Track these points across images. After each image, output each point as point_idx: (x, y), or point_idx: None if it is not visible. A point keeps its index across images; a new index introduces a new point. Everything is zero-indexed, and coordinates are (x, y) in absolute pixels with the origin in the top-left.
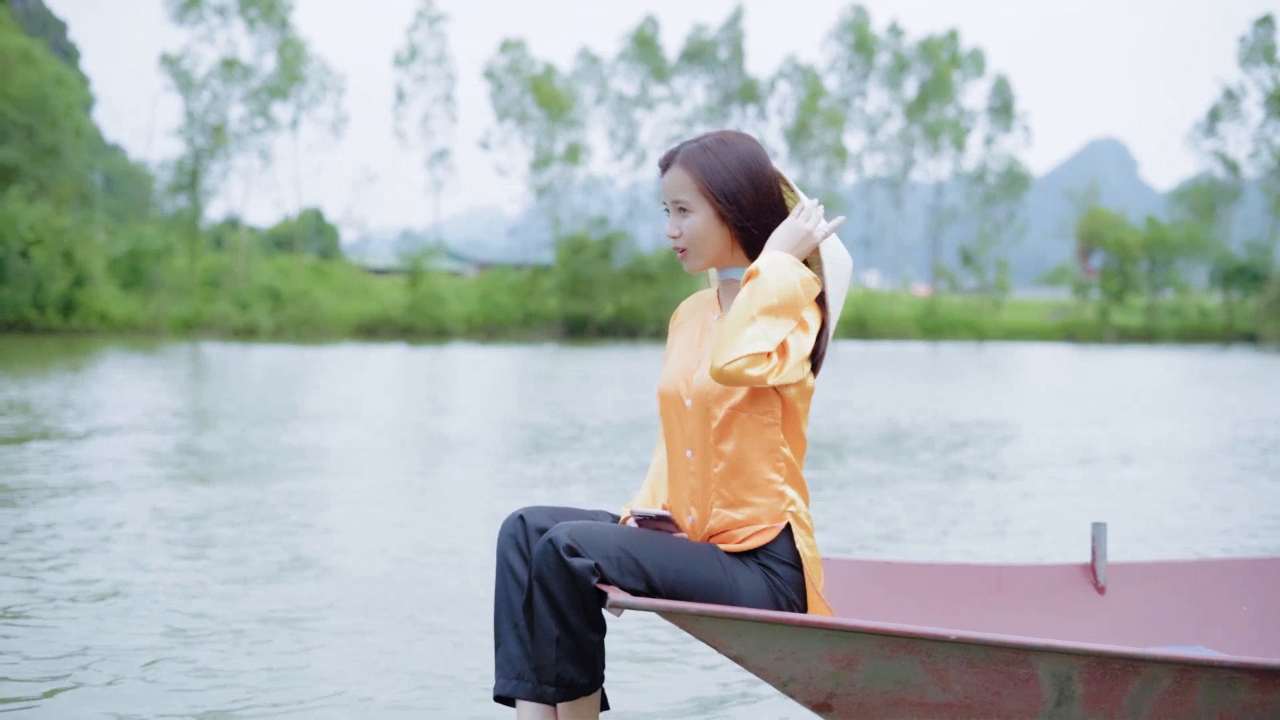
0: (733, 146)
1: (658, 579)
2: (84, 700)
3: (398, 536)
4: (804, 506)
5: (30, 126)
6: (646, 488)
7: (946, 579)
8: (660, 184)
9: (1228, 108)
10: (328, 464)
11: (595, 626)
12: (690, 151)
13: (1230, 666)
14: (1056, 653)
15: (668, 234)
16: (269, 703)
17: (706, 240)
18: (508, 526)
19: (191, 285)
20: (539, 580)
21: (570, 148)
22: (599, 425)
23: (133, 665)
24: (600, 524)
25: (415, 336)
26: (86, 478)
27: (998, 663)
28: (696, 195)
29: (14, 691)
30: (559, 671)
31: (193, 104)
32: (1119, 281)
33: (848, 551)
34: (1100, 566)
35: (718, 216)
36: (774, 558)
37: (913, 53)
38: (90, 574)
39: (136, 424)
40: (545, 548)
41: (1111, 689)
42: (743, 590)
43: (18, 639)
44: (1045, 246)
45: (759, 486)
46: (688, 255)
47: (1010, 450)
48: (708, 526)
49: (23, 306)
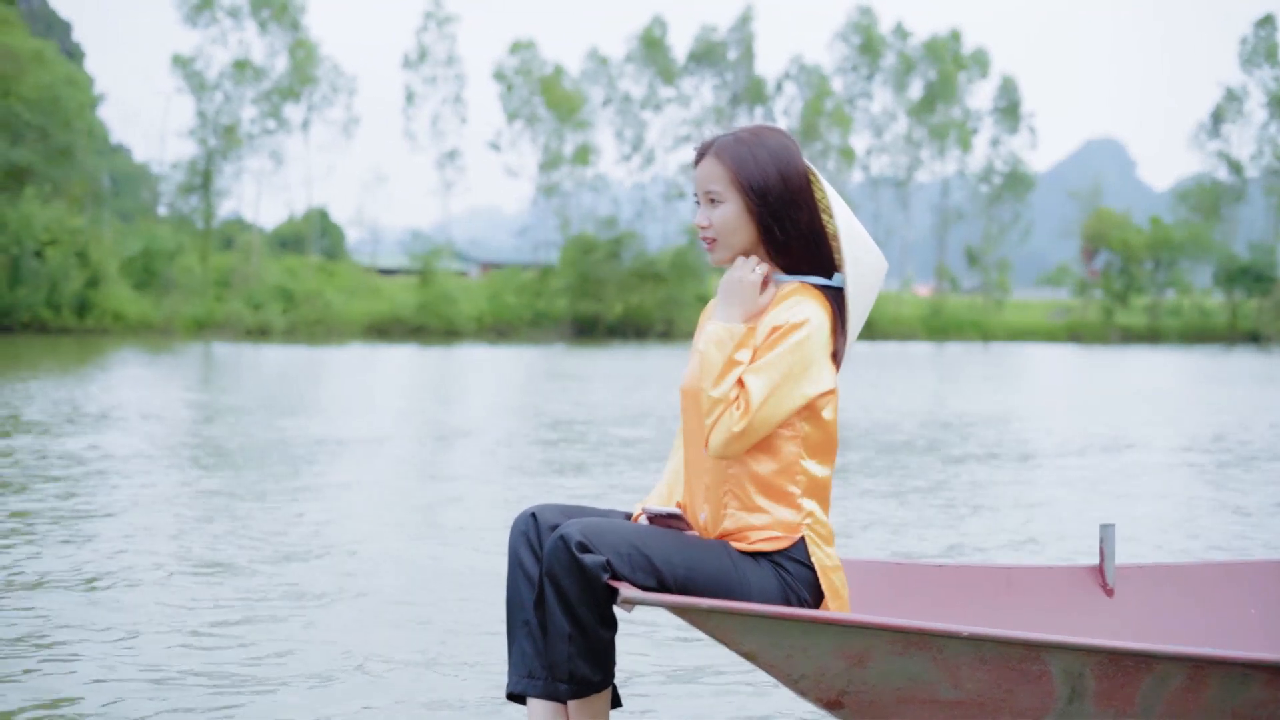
0: (765, 140)
1: (669, 575)
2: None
3: (413, 529)
4: (823, 518)
5: (43, 127)
6: (663, 486)
7: (955, 579)
8: (696, 174)
9: (1230, 108)
10: (348, 456)
11: (607, 623)
12: (724, 143)
13: (1243, 663)
14: (1069, 649)
15: (697, 223)
16: (256, 692)
17: (736, 232)
18: (519, 524)
19: (203, 285)
20: (550, 577)
21: (580, 149)
22: (611, 421)
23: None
24: (612, 521)
25: (426, 336)
26: (120, 467)
27: (1010, 660)
28: (728, 186)
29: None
30: (571, 669)
31: (205, 105)
32: (1123, 282)
33: (852, 547)
34: (1108, 568)
35: (747, 210)
36: (787, 556)
37: (918, 53)
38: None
39: (178, 421)
40: (557, 544)
41: (1123, 686)
42: (754, 587)
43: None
44: (1045, 246)
45: (775, 494)
46: (715, 246)
47: (1021, 448)
48: (721, 527)
49: (37, 307)
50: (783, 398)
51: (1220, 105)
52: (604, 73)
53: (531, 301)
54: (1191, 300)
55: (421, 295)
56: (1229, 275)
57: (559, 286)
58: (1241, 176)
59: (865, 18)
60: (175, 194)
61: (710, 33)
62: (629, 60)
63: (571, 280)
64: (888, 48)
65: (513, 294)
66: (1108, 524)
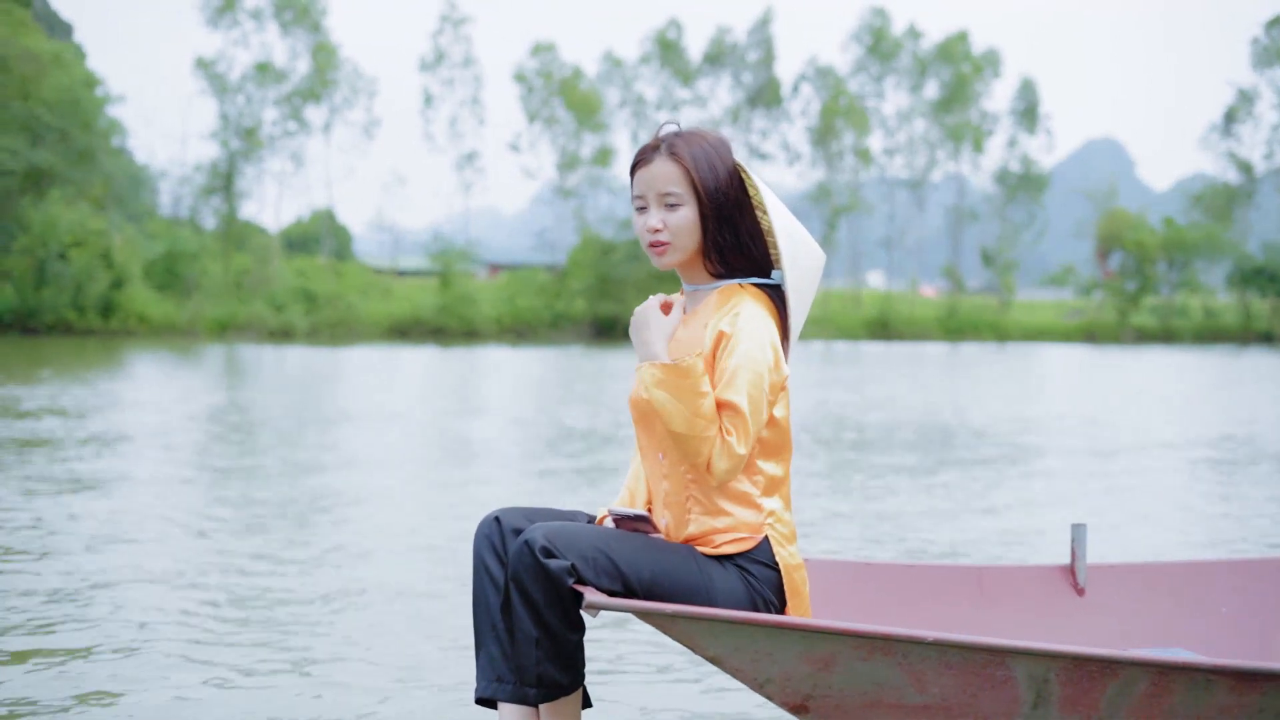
0: (710, 141)
1: (634, 580)
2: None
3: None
4: (785, 516)
5: (63, 130)
6: (625, 489)
7: (928, 580)
8: (639, 178)
9: (1242, 109)
10: (367, 461)
11: (574, 626)
12: (676, 144)
13: (1207, 669)
14: (1033, 655)
15: (648, 227)
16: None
17: (690, 234)
18: (483, 528)
19: (225, 287)
20: (516, 582)
21: (600, 151)
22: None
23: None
24: (576, 524)
25: (446, 338)
26: (153, 471)
27: (975, 664)
28: (686, 188)
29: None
30: (539, 672)
31: (227, 107)
32: (1137, 282)
33: (834, 553)
34: (1080, 568)
35: (700, 212)
36: (751, 559)
37: (930, 55)
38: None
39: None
40: (521, 549)
41: (1088, 691)
42: (719, 591)
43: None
44: (1047, 247)
45: (736, 496)
46: (668, 250)
47: (1028, 448)
48: (685, 532)
49: (63, 308)
50: (761, 397)
51: (1232, 106)
52: (619, 74)
53: (551, 303)
54: (1199, 301)
55: (442, 297)
56: (1243, 276)
57: (578, 288)
58: (1252, 177)
59: (876, 19)
60: (197, 196)
61: (725, 34)
62: (643, 62)
63: (590, 282)
64: (901, 49)
65: (531, 295)
66: (1079, 524)
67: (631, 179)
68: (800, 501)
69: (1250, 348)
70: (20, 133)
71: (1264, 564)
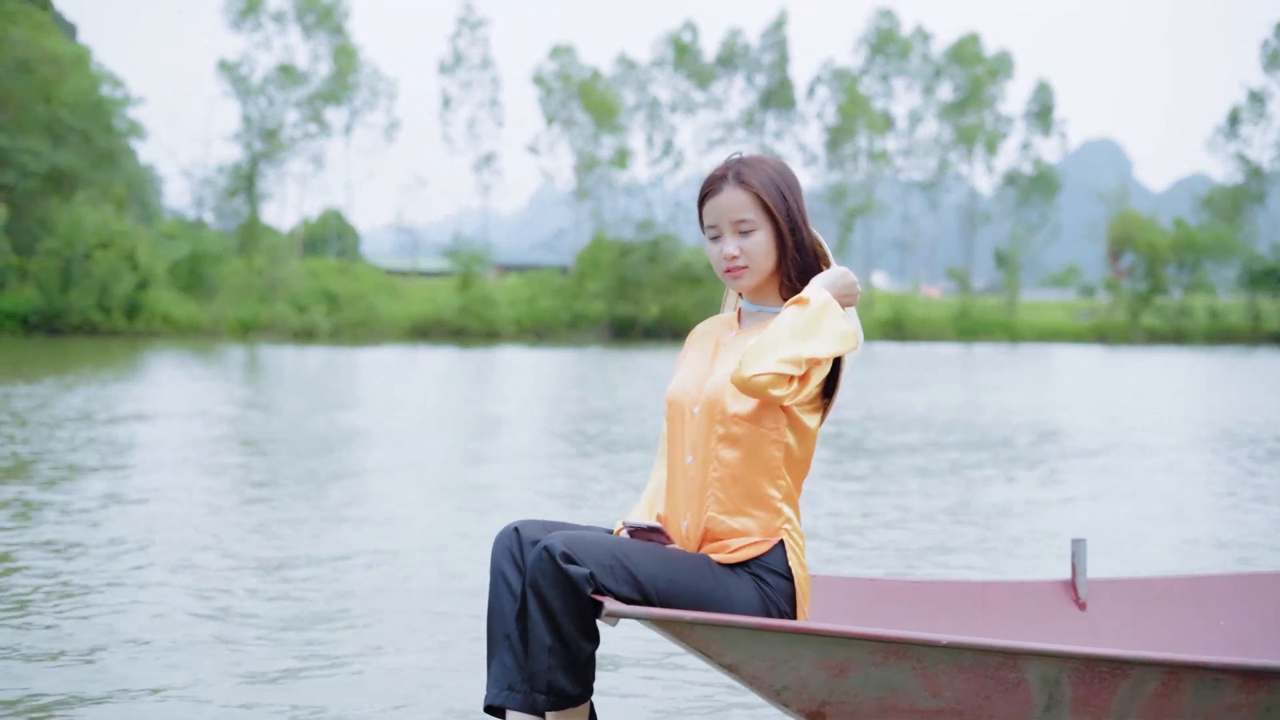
0: (770, 163)
1: (650, 588)
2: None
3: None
4: (798, 525)
5: (85, 131)
6: (644, 502)
7: (932, 596)
8: (709, 208)
9: (1252, 111)
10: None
11: (589, 636)
12: (744, 172)
13: (1216, 668)
14: (1045, 656)
15: (724, 254)
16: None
17: (767, 257)
18: (502, 539)
19: (248, 288)
20: (534, 588)
21: (619, 153)
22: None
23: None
24: (594, 534)
25: (466, 338)
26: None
27: (988, 668)
28: (760, 213)
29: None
30: (550, 680)
31: (249, 109)
32: (1148, 283)
33: (835, 562)
34: (1080, 583)
35: (776, 234)
36: (766, 568)
37: (941, 57)
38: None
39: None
40: (541, 555)
41: (1100, 692)
42: (735, 599)
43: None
44: (1052, 247)
45: (757, 499)
46: (745, 274)
47: (1034, 448)
48: (702, 530)
49: (88, 309)
50: (825, 361)
51: (1239, 107)
52: (633, 76)
53: (569, 304)
54: (1206, 302)
55: (462, 298)
56: (1253, 277)
57: (596, 289)
58: (1261, 179)
59: (885, 20)
60: (220, 198)
61: (737, 37)
62: (657, 65)
63: (609, 283)
64: (911, 51)
65: (550, 297)
66: (1079, 539)
67: (700, 210)
68: (843, 503)
69: (1260, 349)
70: (43, 135)
71: (1263, 578)
